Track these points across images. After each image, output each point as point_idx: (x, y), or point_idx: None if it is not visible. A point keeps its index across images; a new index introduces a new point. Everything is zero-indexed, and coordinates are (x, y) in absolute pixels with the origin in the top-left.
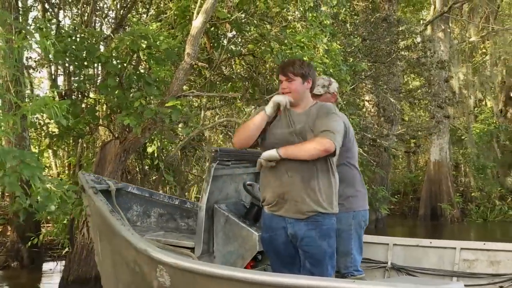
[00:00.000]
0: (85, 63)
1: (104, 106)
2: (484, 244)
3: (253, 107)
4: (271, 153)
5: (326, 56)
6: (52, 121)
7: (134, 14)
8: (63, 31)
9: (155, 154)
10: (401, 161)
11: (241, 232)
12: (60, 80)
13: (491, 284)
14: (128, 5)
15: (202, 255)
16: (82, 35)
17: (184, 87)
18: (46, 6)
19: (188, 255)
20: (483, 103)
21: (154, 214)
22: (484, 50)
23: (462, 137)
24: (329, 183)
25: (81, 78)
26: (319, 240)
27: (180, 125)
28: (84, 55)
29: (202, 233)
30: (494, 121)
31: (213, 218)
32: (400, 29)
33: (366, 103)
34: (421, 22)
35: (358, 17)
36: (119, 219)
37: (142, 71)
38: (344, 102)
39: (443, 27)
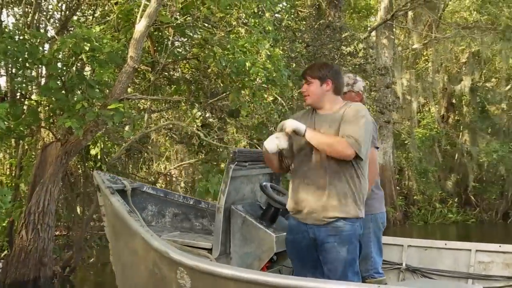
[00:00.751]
0: (27, 64)
1: (47, 108)
2: (500, 246)
3: (196, 110)
4: (299, 126)
5: (268, 61)
6: None
7: (80, 16)
8: (6, 31)
9: (98, 157)
10: None
11: (258, 234)
12: (3, 81)
13: (507, 286)
14: (73, 7)
15: (219, 256)
16: (24, 36)
17: (129, 89)
18: None
19: (205, 256)
20: (426, 108)
21: (168, 214)
22: (427, 57)
23: (406, 142)
24: (352, 187)
25: (23, 80)
26: (338, 247)
27: (126, 128)
28: (25, 56)
29: (220, 234)
30: (436, 126)
31: (230, 219)
32: (343, 35)
33: None
34: (367, 29)
35: (302, 24)
36: (137, 220)
37: (87, 73)
38: (289, 107)
39: (387, 34)
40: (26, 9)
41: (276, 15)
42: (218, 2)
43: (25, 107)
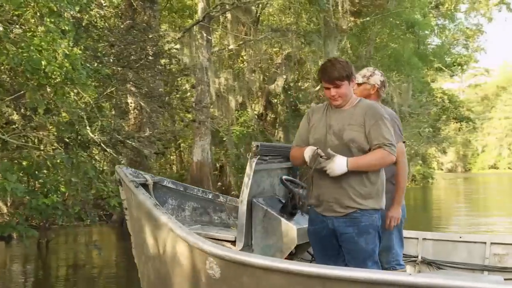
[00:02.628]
0: None
1: None
2: None
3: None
4: (343, 164)
5: (66, 60)
6: None
7: None
8: None
9: None
10: (165, 161)
11: (279, 226)
12: None
13: None
14: None
15: (242, 248)
16: None
17: None
18: None
19: (228, 248)
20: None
21: (188, 208)
22: (243, 58)
23: (224, 139)
24: (369, 180)
25: None
26: (356, 237)
27: None
28: None
29: (244, 227)
30: (252, 124)
31: (252, 212)
32: (150, 36)
33: (130, 106)
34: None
35: (107, 23)
36: (165, 213)
37: None
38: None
39: (204, 35)
40: None
41: (78, 14)
42: None
43: None
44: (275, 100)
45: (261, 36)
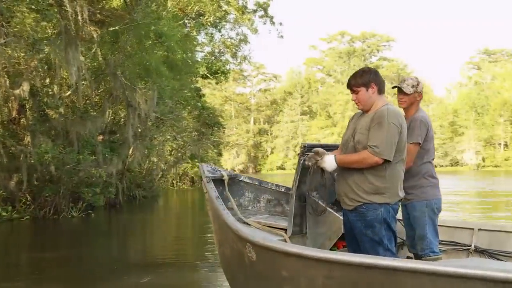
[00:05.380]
0: None
1: None
2: None
3: None
4: (331, 161)
5: None
6: None
7: None
8: None
9: None
10: None
11: (329, 217)
12: None
13: None
14: None
15: (294, 235)
16: None
17: None
18: None
19: (280, 235)
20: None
21: (263, 200)
22: None
23: None
24: (373, 176)
25: None
26: (364, 229)
27: None
28: None
29: (293, 216)
30: (0, 128)
31: (306, 204)
32: None
33: None
34: None
35: None
36: (222, 204)
37: None
38: None
39: None
40: None
41: None
42: None
43: None
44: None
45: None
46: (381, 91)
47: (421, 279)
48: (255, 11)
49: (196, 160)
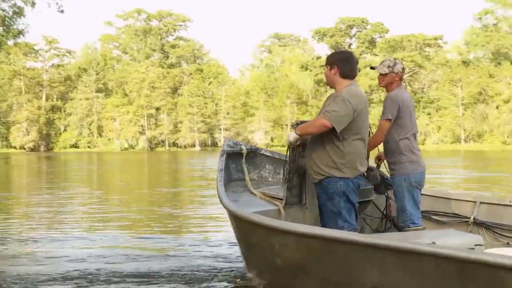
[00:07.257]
0: None
1: None
2: None
3: None
4: (293, 136)
5: None
6: None
7: None
8: None
9: None
10: None
11: None
12: None
13: None
14: None
15: (293, 205)
16: None
17: None
18: None
19: (276, 205)
20: None
21: (282, 172)
22: None
23: None
24: (333, 152)
25: None
26: (325, 201)
27: None
28: None
29: (286, 188)
30: None
31: (305, 177)
32: None
33: None
34: None
35: None
36: (221, 177)
37: None
38: None
39: None
40: None
41: None
42: None
43: None
44: None
45: None
46: (344, 75)
47: (363, 251)
48: None
49: None
